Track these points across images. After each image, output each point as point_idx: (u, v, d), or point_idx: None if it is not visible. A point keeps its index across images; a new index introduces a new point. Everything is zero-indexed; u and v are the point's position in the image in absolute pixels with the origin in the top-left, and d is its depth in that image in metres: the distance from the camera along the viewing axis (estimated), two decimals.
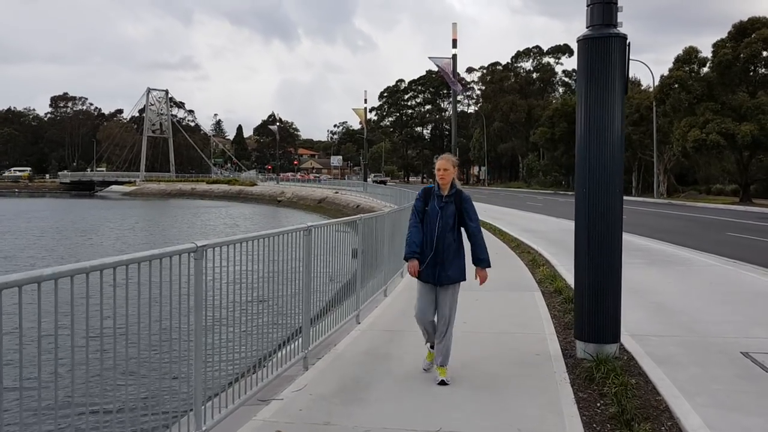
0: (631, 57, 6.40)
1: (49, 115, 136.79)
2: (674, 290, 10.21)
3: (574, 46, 6.60)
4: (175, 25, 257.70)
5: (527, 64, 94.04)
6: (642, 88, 61.30)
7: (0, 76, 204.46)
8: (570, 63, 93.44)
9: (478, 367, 5.93)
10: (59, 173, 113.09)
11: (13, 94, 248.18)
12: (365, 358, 6.24)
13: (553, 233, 20.06)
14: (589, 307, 6.25)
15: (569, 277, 11.04)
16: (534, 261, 13.31)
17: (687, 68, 45.43)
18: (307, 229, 5.86)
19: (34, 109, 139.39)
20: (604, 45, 6.15)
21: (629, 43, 6.20)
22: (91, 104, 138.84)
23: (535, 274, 11.64)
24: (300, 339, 5.94)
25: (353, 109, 55.11)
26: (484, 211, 30.25)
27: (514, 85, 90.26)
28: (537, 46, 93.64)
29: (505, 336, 7.12)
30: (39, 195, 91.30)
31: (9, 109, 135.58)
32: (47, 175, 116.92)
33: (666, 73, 47.09)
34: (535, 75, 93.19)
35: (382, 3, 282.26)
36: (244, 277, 4.85)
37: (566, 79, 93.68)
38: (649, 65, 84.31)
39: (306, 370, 5.84)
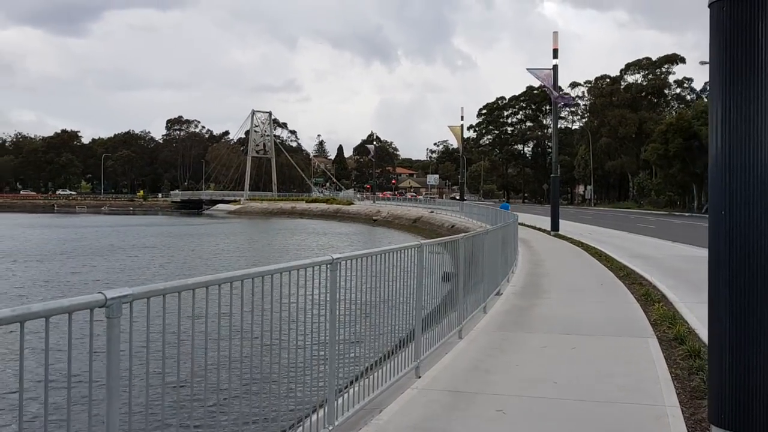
0: None
1: (164, 138, 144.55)
2: None
3: (689, 56, 4.81)
4: (281, 50, 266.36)
5: (638, 77, 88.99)
6: None
7: (121, 102, 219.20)
8: (684, 72, 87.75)
9: None
10: (171, 192, 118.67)
11: (132, 118, 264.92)
12: None
13: (668, 260, 17.59)
14: (730, 379, 4.40)
15: (692, 319, 9.00)
16: (647, 295, 11.18)
17: None
18: (332, 263, 4.40)
19: (149, 132, 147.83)
20: (751, 7, 4.33)
21: None
22: (203, 127, 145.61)
23: (649, 314, 9.59)
24: (326, 408, 4.47)
25: (449, 127, 53.57)
26: (589, 233, 27.81)
27: (624, 96, 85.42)
28: (647, 58, 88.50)
29: (607, 408, 5.31)
30: (152, 213, 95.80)
31: (128, 132, 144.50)
32: (160, 195, 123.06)
33: None
34: (646, 87, 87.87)
35: (482, 22, 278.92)
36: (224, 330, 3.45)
37: (679, 91, 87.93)
38: None
39: None
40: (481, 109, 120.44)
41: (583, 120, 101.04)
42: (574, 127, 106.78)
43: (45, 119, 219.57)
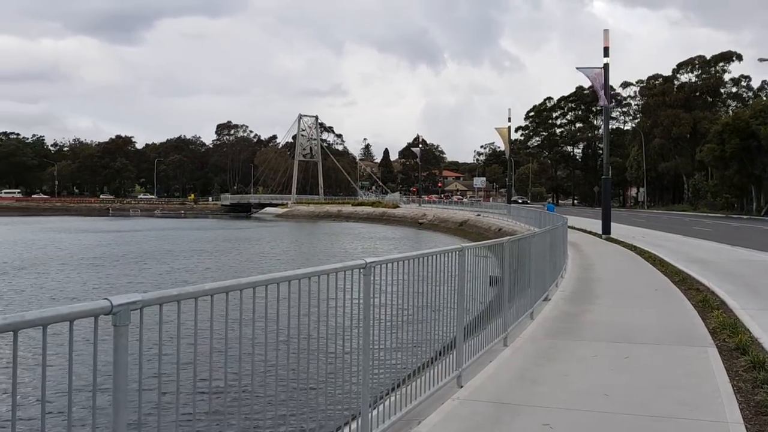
0: None
1: (214, 143, 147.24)
2: None
3: (745, 54, 4.39)
4: (328, 55, 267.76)
5: (691, 75, 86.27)
6: None
7: (174, 108, 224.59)
8: (740, 70, 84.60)
9: None
10: (221, 196, 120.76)
11: (183, 124, 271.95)
12: None
13: (727, 265, 16.79)
14: None
15: (755, 327, 8.46)
16: (705, 301, 10.61)
17: None
18: (365, 267, 4.16)
19: (200, 137, 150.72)
20: None
21: None
22: (251, 131, 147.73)
23: (707, 321, 9.06)
24: (359, 420, 4.24)
25: (496, 129, 52.74)
26: (642, 237, 26.92)
27: (677, 96, 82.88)
28: (700, 56, 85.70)
29: (663, 424, 4.93)
30: (203, 216, 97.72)
31: (179, 138, 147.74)
32: (210, 198, 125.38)
33: None
34: (700, 87, 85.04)
35: (531, 23, 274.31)
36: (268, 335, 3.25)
37: (735, 90, 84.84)
38: None
39: None
40: (528, 112, 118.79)
41: (636, 120, 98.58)
42: (626, 128, 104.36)
43: (100, 125, 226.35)
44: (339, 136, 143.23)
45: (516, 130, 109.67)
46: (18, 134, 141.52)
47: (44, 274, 23.85)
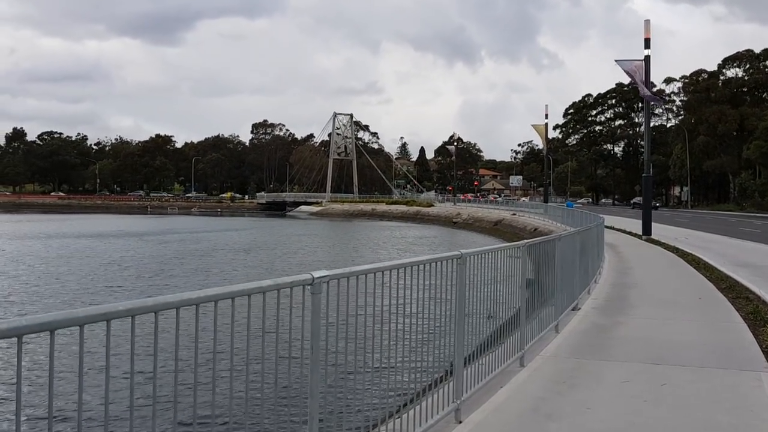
0: None
1: (251, 141, 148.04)
2: None
3: None
4: (364, 54, 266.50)
5: (738, 70, 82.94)
6: None
7: (213, 108, 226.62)
8: None
9: None
10: (257, 194, 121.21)
11: (222, 123, 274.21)
12: None
13: None
14: None
15: None
16: (756, 313, 9.39)
17: None
18: (312, 284, 3.22)
19: (237, 136, 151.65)
20: None
21: None
22: (287, 130, 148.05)
23: (760, 338, 7.88)
24: None
25: (533, 126, 51.24)
26: (685, 238, 25.39)
27: (723, 92, 79.73)
28: (748, 50, 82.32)
29: None
30: (239, 214, 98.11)
31: (217, 136, 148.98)
32: (246, 196, 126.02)
33: None
34: (747, 82, 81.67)
35: (569, 20, 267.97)
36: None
37: None
38: None
39: None
40: (567, 109, 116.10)
41: (679, 117, 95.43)
42: (669, 125, 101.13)
43: (142, 124, 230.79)
44: (374, 134, 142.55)
45: (554, 128, 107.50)
46: (61, 133, 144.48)
47: None
